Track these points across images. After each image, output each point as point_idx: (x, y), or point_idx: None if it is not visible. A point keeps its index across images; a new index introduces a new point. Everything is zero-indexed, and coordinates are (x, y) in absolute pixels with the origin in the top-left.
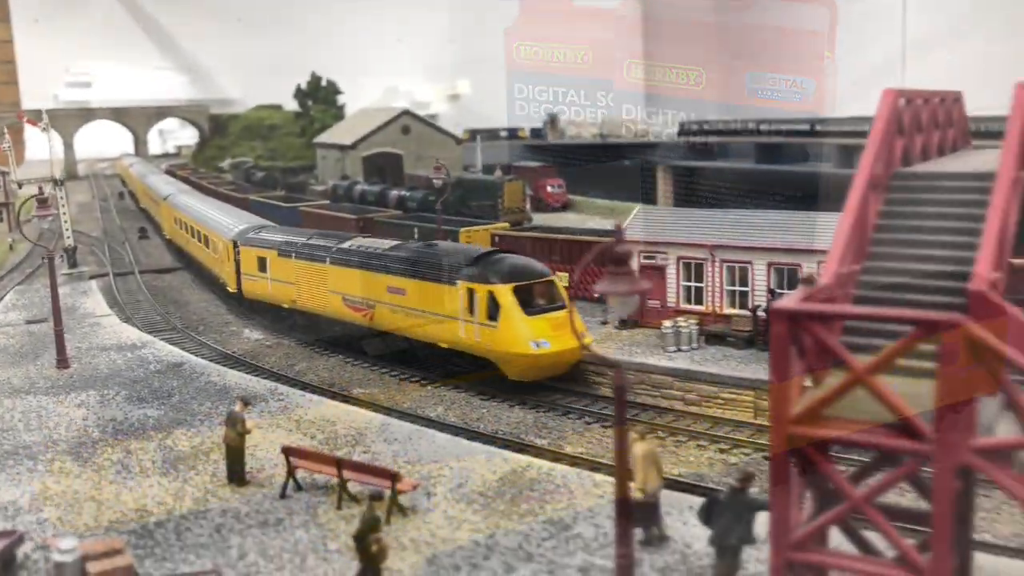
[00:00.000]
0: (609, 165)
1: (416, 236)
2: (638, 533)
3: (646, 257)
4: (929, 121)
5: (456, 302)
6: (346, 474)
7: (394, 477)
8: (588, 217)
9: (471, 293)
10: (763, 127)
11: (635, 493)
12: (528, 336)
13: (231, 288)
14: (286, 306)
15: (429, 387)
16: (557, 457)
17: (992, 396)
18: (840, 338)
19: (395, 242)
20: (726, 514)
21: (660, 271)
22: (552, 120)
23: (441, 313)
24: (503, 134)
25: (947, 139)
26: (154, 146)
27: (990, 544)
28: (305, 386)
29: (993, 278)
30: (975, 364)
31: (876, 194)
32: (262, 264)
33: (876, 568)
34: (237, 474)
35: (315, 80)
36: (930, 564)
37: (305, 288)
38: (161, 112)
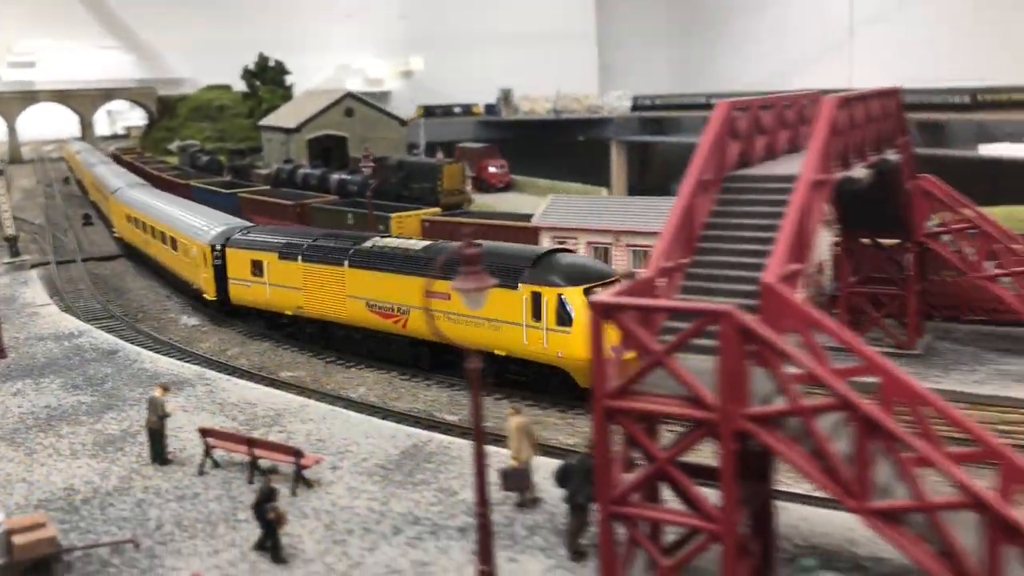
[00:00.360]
0: (560, 142)
1: (351, 221)
2: (514, 496)
3: (559, 242)
4: (776, 123)
5: (518, 307)
6: (256, 452)
7: (297, 454)
8: (528, 198)
9: (537, 297)
10: (714, 101)
11: (510, 461)
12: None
13: (209, 296)
14: (289, 313)
15: (352, 369)
16: (464, 432)
17: (765, 371)
18: (669, 323)
19: (427, 242)
20: (576, 477)
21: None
22: (506, 96)
23: (498, 319)
24: (457, 110)
25: (799, 137)
26: (102, 127)
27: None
28: (233, 370)
29: (788, 271)
30: (745, 345)
31: (708, 195)
32: (257, 268)
33: (680, 518)
34: (160, 455)
35: (263, 60)
36: (720, 514)
37: (316, 293)
38: (107, 94)
